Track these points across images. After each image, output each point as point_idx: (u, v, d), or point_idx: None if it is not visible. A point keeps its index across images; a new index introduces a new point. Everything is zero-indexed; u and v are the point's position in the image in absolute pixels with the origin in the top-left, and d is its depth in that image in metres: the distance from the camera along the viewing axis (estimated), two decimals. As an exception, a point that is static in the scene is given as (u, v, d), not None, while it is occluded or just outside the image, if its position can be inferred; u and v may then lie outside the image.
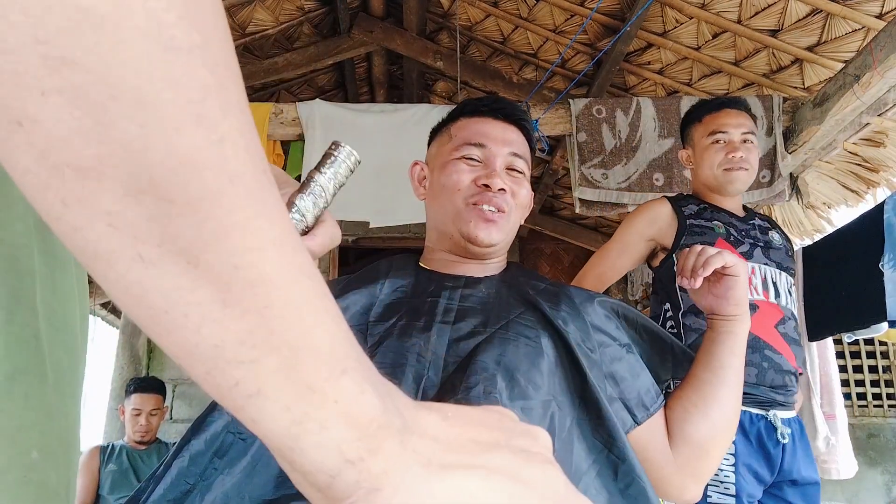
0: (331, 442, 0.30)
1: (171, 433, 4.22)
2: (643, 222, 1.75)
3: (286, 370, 0.29)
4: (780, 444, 1.53)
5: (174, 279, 0.26)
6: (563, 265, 5.12)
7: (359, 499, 0.30)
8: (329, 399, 0.29)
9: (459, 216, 1.00)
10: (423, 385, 0.82)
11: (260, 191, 0.28)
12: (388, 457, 0.31)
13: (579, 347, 0.89)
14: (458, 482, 0.32)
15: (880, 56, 1.98)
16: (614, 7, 2.73)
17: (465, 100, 1.15)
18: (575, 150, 2.63)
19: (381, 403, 0.32)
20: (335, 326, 0.31)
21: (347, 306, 0.92)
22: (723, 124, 1.74)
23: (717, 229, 1.68)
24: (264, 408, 0.28)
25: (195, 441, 0.76)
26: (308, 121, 2.67)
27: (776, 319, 1.60)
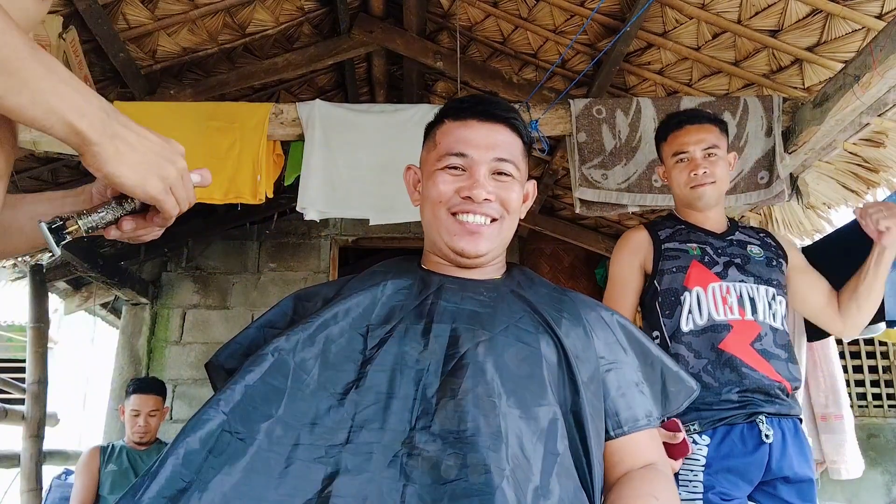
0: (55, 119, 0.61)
1: (171, 433, 4.22)
2: (628, 254, 1.81)
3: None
4: (764, 444, 1.55)
5: None
6: (563, 265, 5.12)
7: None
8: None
9: (445, 228, 1.00)
10: (423, 387, 0.82)
11: None
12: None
13: (577, 360, 0.89)
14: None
15: (880, 56, 1.98)
16: (614, 7, 2.73)
17: (450, 100, 1.13)
18: (575, 150, 2.63)
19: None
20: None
21: (349, 308, 0.92)
22: (683, 143, 1.78)
23: (691, 251, 1.72)
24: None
25: (190, 438, 0.76)
26: (308, 121, 2.67)
27: (752, 337, 1.63)
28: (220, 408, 0.80)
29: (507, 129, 1.03)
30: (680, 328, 1.66)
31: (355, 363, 0.86)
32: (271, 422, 0.80)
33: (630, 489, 0.85)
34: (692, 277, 1.69)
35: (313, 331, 0.89)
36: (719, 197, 1.79)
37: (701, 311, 1.66)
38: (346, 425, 0.79)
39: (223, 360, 1.01)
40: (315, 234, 4.76)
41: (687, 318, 1.66)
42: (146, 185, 0.69)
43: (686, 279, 1.69)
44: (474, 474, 0.72)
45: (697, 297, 1.67)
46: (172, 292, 4.66)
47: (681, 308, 1.68)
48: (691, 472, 1.56)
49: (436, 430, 0.78)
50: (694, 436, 1.59)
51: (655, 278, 1.73)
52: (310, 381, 0.84)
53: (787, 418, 1.62)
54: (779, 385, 1.61)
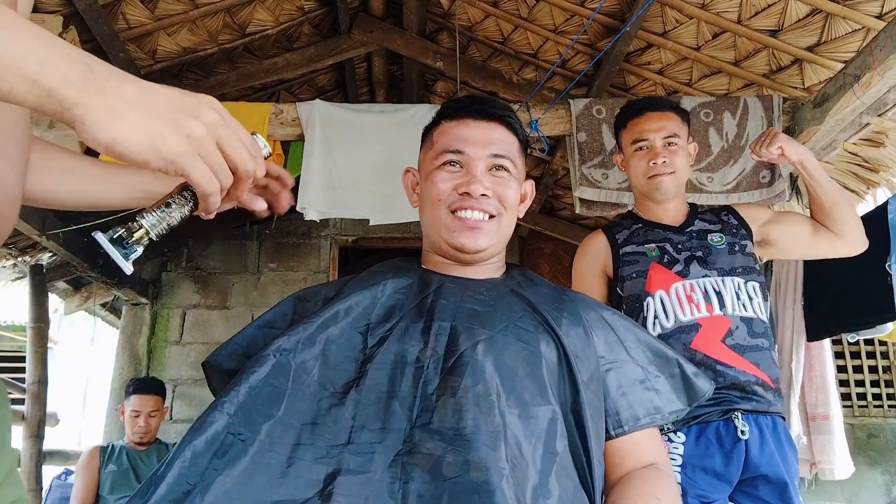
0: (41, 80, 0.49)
1: (171, 433, 4.22)
2: (589, 260, 1.76)
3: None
4: (740, 441, 1.50)
5: None
6: (563, 265, 5.12)
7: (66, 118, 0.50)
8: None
9: (444, 226, 1.00)
10: (423, 384, 0.82)
11: None
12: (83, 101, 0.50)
13: (577, 359, 0.89)
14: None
15: (880, 56, 1.98)
16: (614, 7, 2.73)
17: (447, 100, 1.14)
18: (575, 149, 2.63)
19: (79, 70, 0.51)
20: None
21: (350, 307, 0.93)
22: (643, 131, 1.71)
23: (649, 253, 1.67)
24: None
25: (196, 441, 0.76)
26: (308, 121, 2.67)
27: (722, 333, 1.58)
28: (225, 409, 0.80)
29: (503, 127, 1.05)
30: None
31: (355, 362, 0.86)
32: (272, 422, 0.80)
33: (631, 489, 0.85)
34: (653, 281, 1.64)
35: (314, 331, 0.89)
36: (679, 188, 1.73)
37: (667, 313, 1.61)
38: (347, 425, 0.80)
39: (221, 360, 1.01)
40: (315, 234, 4.76)
41: (654, 322, 1.62)
42: (160, 147, 0.53)
43: (647, 283, 1.64)
44: (474, 472, 0.73)
45: (661, 300, 1.62)
46: (172, 292, 4.66)
47: (644, 314, 1.63)
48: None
49: (435, 427, 0.78)
50: (669, 434, 1.55)
51: (618, 285, 1.69)
52: (310, 381, 0.84)
53: (766, 415, 1.56)
54: (756, 380, 1.56)
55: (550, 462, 0.79)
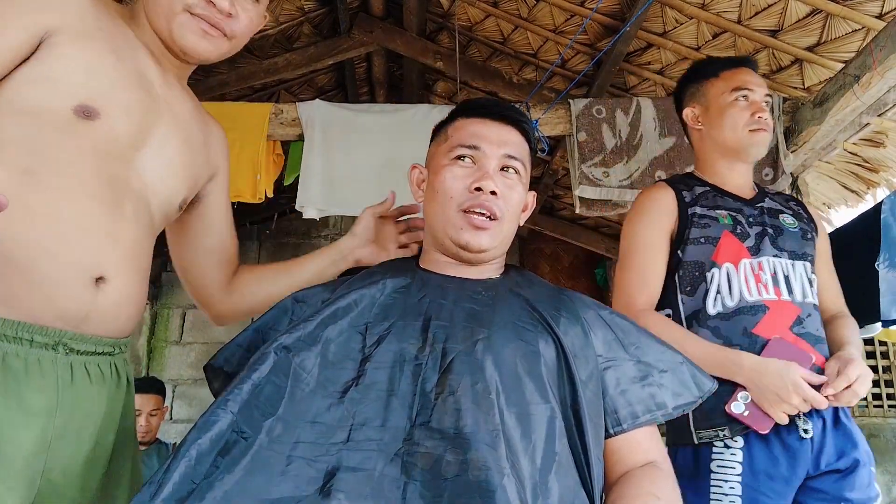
0: None
1: (171, 433, 4.22)
2: (656, 214, 1.54)
3: None
4: (805, 441, 1.36)
5: None
6: (563, 265, 5.12)
7: None
8: None
9: (452, 223, 1.00)
10: (421, 382, 0.82)
11: None
12: None
13: (576, 358, 0.89)
14: None
15: (880, 56, 1.98)
16: (614, 7, 2.73)
17: (465, 100, 1.15)
18: (575, 148, 2.63)
19: None
20: None
21: (349, 306, 0.93)
22: (747, 81, 1.56)
23: (721, 220, 1.50)
24: None
25: (202, 440, 0.77)
26: (308, 121, 2.67)
27: (791, 320, 1.42)
28: (229, 408, 0.80)
29: (518, 131, 1.07)
30: (705, 310, 1.44)
31: (354, 361, 0.87)
32: (272, 420, 0.80)
33: (631, 487, 0.85)
34: (722, 251, 1.46)
35: (313, 329, 0.89)
36: (765, 152, 1.58)
37: (731, 290, 1.44)
38: (346, 423, 0.80)
39: (221, 362, 1.01)
40: (315, 234, 4.76)
41: (714, 298, 1.44)
42: None
43: (715, 253, 1.46)
44: (474, 471, 0.73)
45: (727, 274, 1.45)
46: (172, 292, 4.66)
47: (706, 287, 1.45)
48: (726, 482, 1.35)
49: (435, 426, 0.78)
50: (725, 441, 1.38)
51: (679, 247, 1.50)
52: (310, 380, 0.85)
53: (827, 410, 1.39)
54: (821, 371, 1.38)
55: (550, 461, 0.79)
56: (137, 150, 0.98)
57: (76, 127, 0.90)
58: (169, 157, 1.03)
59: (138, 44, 1.02)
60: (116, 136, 0.94)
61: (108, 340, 0.96)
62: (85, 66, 0.92)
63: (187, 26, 1.01)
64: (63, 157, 0.89)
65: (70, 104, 0.90)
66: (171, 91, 1.06)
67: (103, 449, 0.96)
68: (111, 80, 0.94)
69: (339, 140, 2.67)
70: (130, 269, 0.96)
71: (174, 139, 1.04)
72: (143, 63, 1.02)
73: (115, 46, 0.97)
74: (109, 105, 0.93)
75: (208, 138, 1.14)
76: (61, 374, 0.88)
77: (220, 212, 1.22)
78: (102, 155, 0.93)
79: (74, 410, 0.90)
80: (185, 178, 1.07)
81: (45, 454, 0.86)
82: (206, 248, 1.21)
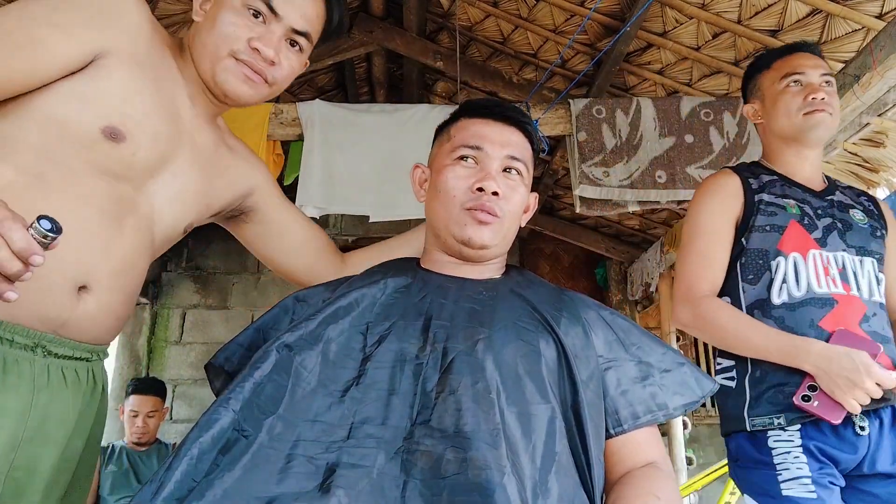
0: None
1: (171, 433, 4.22)
2: (722, 199, 1.49)
3: None
4: (861, 437, 1.31)
5: None
6: (563, 265, 5.12)
7: None
8: None
9: (455, 220, 1.01)
10: (422, 382, 0.83)
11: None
12: None
13: (577, 358, 0.89)
14: None
15: (880, 56, 1.98)
16: (614, 7, 2.73)
17: (468, 100, 1.15)
18: (575, 148, 2.63)
19: None
20: None
21: (350, 305, 0.93)
22: (798, 65, 1.52)
23: (789, 209, 1.44)
24: None
25: (203, 438, 0.77)
26: (308, 121, 2.67)
27: (858, 316, 1.37)
28: (231, 406, 0.80)
29: (521, 133, 1.07)
30: (770, 300, 1.39)
31: (355, 360, 0.87)
32: (273, 418, 0.80)
33: (632, 488, 0.85)
34: (789, 240, 1.41)
35: (315, 327, 0.89)
36: (830, 133, 1.51)
37: (798, 280, 1.38)
38: (346, 422, 0.80)
39: (222, 361, 1.02)
40: (315, 234, 4.76)
41: (780, 288, 1.39)
42: None
43: (781, 241, 1.41)
44: (474, 470, 0.73)
45: (794, 263, 1.40)
46: (172, 292, 4.66)
47: (771, 275, 1.40)
48: (792, 464, 1.30)
49: (435, 425, 0.78)
50: (778, 431, 1.34)
51: (744, 235, 1.45)
52: (311, 379, 0.85)
53: (887, 407, 1.34)
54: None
55: (550, 461, 0.79)
56: (152, 176, 1.00)
57: (99, 145, 0.92)
58: (181, 187, 1.05)
59: (179, 77, 1.05)
60: (135, 162, 0.96)
61: (85, 346, 0.96)
62: (123, 91, 0.94)
63: (231, 71, 1.03)
64: (77, 169, 0.91)
65: (100, 124, 0.92)
66: (198, 125, 1.08)
67: (71, 454, 0.96)
68: (145, 109, 0.97)
69: (339, 140, 2.67)
70: (117, 284, 0.97)
71: (190, 170, 1.06)
72: (179, 96, 1.04)
73: (157, 76, 1.00)
74: (138, 132, 0.95)
75: (232, 162, 1.16)
76: (38, 375, 0.89)
77: (283, 213, 1.25)
78: (117, 175, 0.95)
79: (47, 413, 0.90)
80: (195, 205, 1.09)
81: (13, 454, 0.86)
82: (295, 246, 1.26)
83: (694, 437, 4.82)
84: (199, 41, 1.04)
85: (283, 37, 1.04)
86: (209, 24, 1.03)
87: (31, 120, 0.90)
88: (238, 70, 1.03)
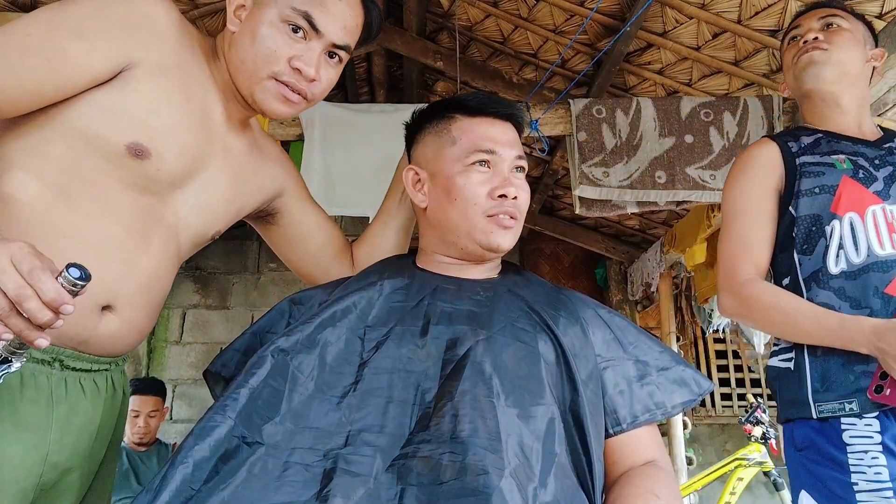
0: None
1: (171, 433, 4.22)
2: (758, 172, 1.37)
3: None
4: None
5: None
6: (563, 265, 5.12)
7: None
8: None
9: (479, 228, 0.99)
10: (421, 392, 0.82)
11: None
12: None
13: (576, 358, 0.89)
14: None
15: (880, 56, 1.97)
16: (614, 7, 2.73)
17: (462, 95, 1.13)
18: (575, 148, 2.63)
19: None
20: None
21: (347, 308, 0.93)
22: (796, 24, 1.45)
23: (838, 165, 1.30)
24: None
25: (199, 447, 0.76)
26: (308, 121, 2.67)
27: None
28: (228, 413, 0.80)
29: (515, 127, 1.07)
30: (826, 268, 1.25)
31: (353, 366, 0.86)
32: (270, 424, 0.80)
33: (631, 487, 0.85)
34: (843, 199, 1.26)
35: (311, 332, 0.89)
36: (839, 75, 1.36)
37: (857, 244, 1.24)
38: (344, 429, 0.80)
39: (219, 368, 1.01)
40: (315, 234, 4.76)
41: (837, 255, 1.25)
42: None
43: (835, 203, 1.26)
44: (472, 475, 0.72)
45: (851, 225, 1.25)
46: (172, 292, 4.65)
47: (826, 242, 1.26)
48: (866, 453, 1.15)
49: (433, 431, 0.78)
50: (852, 419, 1.18)
51: (791, 203, 1.31)
52: (308, 384, 0.84)
53: None
54: None
55: (549, 462, 0.79)
56: (180, 188, 0.98)
57: (124, 162, 0.90)
58: (210, 195, 1.03)
59: (211, 83, 1.02)
60: (160, 176, 0.94)
61: (105, 360, 0.96)
62: (150, 104, 0.92)
63: (271, 92, 1.00)
64: (101, 185, 0.90)
65: (124, 140, 0.90)
66: (230, 128, 1.05)
67: (96, 460, 0.97)
68: (173, 121, 0.94)
69: (340, 140, 2.67)
70: (141, 301, 0.96)
71: (222, 177, 1.04)
72: (211, 103, 1.01)
73: (188, 83, 0.97)
74: (163, 147, 0.93)
75: (262, 165, 1.14)
76: (55, 388, 0.88)
77: (308, 215, 1.24)
78: (142, 189, 0.94)
79: (69, 425, 0.90)
80: (224, 213, 1.07)
81: (41, 467, 0.86)
82: (316, 249, 1.24)
83: (694, 437, 4.82)
84: (237, 56, 1.00)
85: (324, 51, 1.01)
86: (247, 39, 0.98)
87: (57, 132, 0.89)
88: (278, 91, 1.00)
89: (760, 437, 3.48)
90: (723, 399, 5.10)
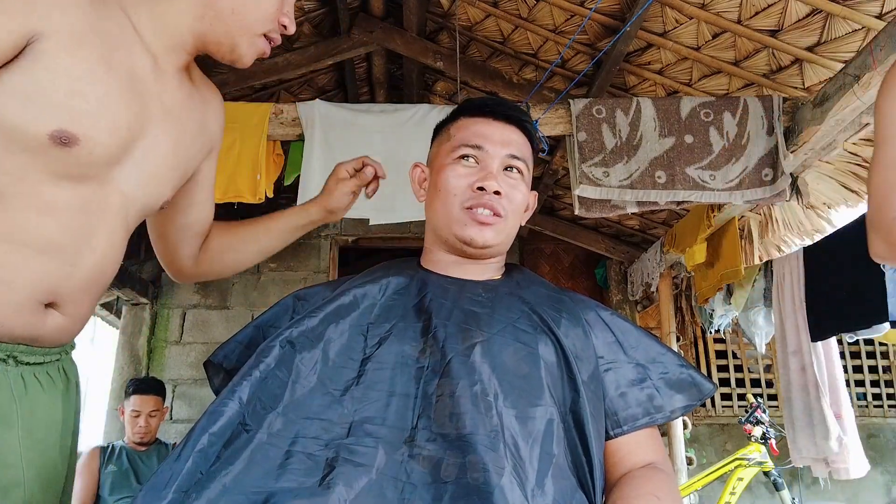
0: None
1: (171, 433, 4.22)
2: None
3: None
4: None
5: None
6: (563, 265, 5.12)
7: None
8: None
9: (455, 219, 1.01)
10: (422, 385, 0.83)
11: None
12: None
13: (577, 359, 0.89)
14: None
15: (880, 56, 1.98)
16: (614, 7, 2.73)
17: (467, 99, 1.15)
18: (575, 148, 2.63)
19: None
20: None
21: (352, 304, 0.93)
22: None
23: None
24: None
25: (213, 429, 0.78)
26: (308, 121, 2.67)
27: None
28: (238, 395, 0.81)
29: (521, 131, 1.07)
30: None
31: (355, 361, 0.87)
32: (273, 414, 0.80)
33: (632, 489, 0.85)
34: None
35: (316, 325, 0.89)
36: None
37: None
38: (346, 420, 0.80)
39: (221, 359, 1.02)
40: (315, 234, 4.76)
41: None
42: None
43: None
44: (473, 473, 0.73)
45: None
46: (172, 292, 4.66)
47: None
48: None
49: (435, 429, 0.78)
50: None
51: None
52: (311, 377, 0.85)
53: None
54: None
55: (547, 463, 0.79)
56: (118, 163, 0.91)
57: (51, 152, 0.83)
58: (154, 165, 0.96)
59: (133, 35, 0.93)
60: (95, 160, 0.87)
61: (55, 350, 0.95)
62: (68, 83, 0.83)
63: (256, 46, 1.03)
64: (31, 182, 0.83)
65: (46, 129, 0.81)
66: (165, 82, 0.97)
67: (65, 453, 0.96)
68: (97, 98, 0.85)
69: (340, 140, 2.67)
70: (85, 296, 0.94)
71: (163, 142, 0.97)
72: (137, 60, 0.92)
73: (108, 48, 0.88)
74: (91, 129, 0.85)
75: (205, 118, 1.08)
76: (14, 384, 0.87)
77: (207, 188, 1.16)
78: (77, 178, 0.87)
79: (34, 420, 0.90)
80: (171, 180, 1.01)
81: (20, 464, 0.86)
82: (184, 224, 1.16)
83: (694, 437, 4.82)
84: (227, 5, 0.97)
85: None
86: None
87: None
88: (262, 45, 1.03)
89: (760, 437, 3.48)
90: (723, 399, 5.10)
